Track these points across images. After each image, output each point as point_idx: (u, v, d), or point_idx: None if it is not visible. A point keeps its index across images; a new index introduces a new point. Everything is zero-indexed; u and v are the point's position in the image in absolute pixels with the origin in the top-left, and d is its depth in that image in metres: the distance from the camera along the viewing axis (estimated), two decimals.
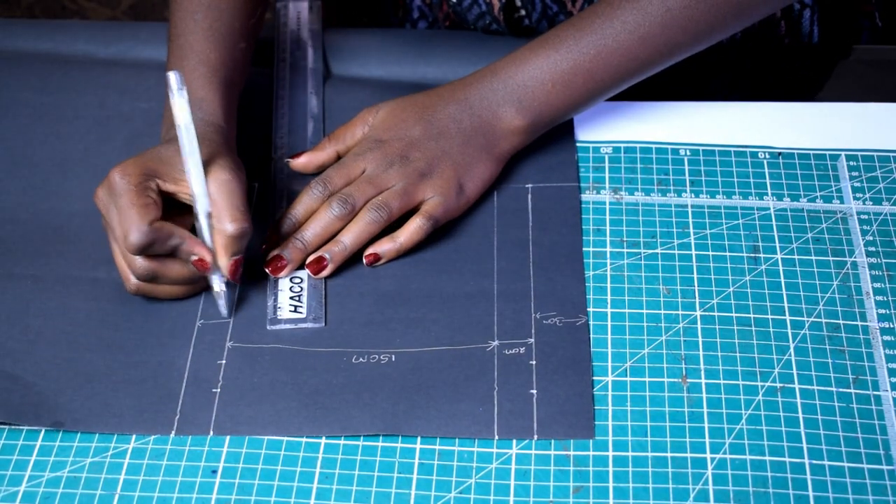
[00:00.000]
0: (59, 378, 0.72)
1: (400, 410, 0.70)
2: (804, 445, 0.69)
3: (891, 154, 0.85)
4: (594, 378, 0.72)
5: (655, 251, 0.79)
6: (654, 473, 0.68)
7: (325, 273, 0.77)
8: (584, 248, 0.79)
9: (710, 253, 0.79)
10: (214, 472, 0.68)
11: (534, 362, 0.73)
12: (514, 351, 0.73)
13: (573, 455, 0.69)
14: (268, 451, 0.69)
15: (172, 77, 0.70)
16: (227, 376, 0.72)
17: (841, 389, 0.71)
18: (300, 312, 0.76)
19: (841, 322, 0.75)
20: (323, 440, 0.70)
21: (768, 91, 0.99)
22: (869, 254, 0.79)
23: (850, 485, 0.67)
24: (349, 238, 0.77)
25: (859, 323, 0.75)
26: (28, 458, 0.69)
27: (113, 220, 0.72)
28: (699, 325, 0.75)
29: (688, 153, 0.86)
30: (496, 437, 0.69)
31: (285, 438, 0.70)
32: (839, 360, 0.73)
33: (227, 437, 0.70)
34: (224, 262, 0.73)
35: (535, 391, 0.71)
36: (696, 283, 0.77)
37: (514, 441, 0.69)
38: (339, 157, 0.83)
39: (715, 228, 0.80)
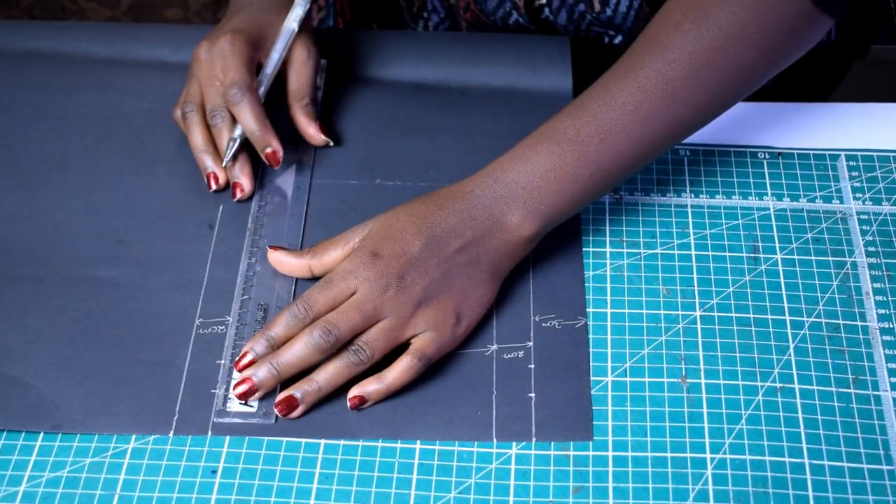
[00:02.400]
0: (58, 379, 0.72)
1: (399, 416, 0.70)
2: (804, 445, 0.69)
3: (891, 154, 0.85)
4: (594, 378, 0.72)
5: (655, 251, 0.79)
6: (653, 473, 0.68)
7: (296, 414, 0.70)
8: (584, 249, 0.79)
9: (710, 253, 0.79)
10: (214, 472, 0.68)
11: (532, 366, 0.73)
12: (512, 355, 0.73)
13: (573, 455, 0.69)
14: (267, 452, 0.69)
15: None
16: (227, 376, 0.72)
17: (841, 389, 0.71)
18: (251, 407, 0.71)
19: (841, 322, 0.75)
20: (322, 440, 0.70)
21: (783, 91, 0.99)
22: (869, 254, 0.79)
23: (850, 485, 0.67)
24: (324, 378, 0.70)
25: (859, 323, 0.75)
26: (28, 459, 0.69)
27: (216, 68, 0.83)
28: (699, 326, 0.75)
29: (688, 153, 0.86)
30: (494, 441, 0.69)
31: (285, 439, 0.70)
32: (839, 360, 0.73)
33: (227, 438, 0.70)
34: (311, 130, 0.85)
35: (533, 395, 0.71)
36: (695, 284, 0.77)
37: (514, 441, 0.69)
38: (310, 272, 0.76)
39: (715, 228, 0.80)
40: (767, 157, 0.85)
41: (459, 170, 0.81)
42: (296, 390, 0.70)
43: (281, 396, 0.70)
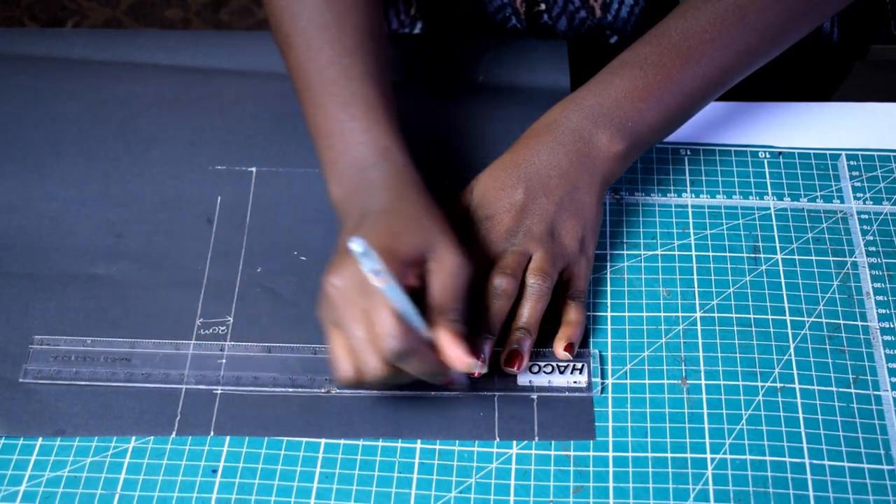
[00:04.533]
0: (59, 383, 0.72)
1: (401, 416, 0.70)
2: (804, 445, 0.69)
3: (891, 154, 0.85)
4: (594, 380, 0.72)
5: (655, 252, 0.79)
6: (654, 473, 0.68)
7: (525, 364, 0.71)
8: None
9: (711, 254, 0.79)
10: (215, 471, 0.68)
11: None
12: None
13: (573, 455, 0.69)
14: (268, 451, 0.69)
15: (356, 245, 0.59)
16: (228, 377, 0.72)
17: (841, 389, 0.71)
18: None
19: (841, 322, 0.75)
20: (323, 440, 0.70)
21: (787, 91, 0.99)
22: (869, 254, 0.79)
23: (850, 485, 0.67)
24: (529, 321, 0.71)
25: (859, 323, 0.75)
26: (28, 458, 0.69)
27: (357, 314, 0.65)
28: (699, 327, 0.75)
29: (688, 153, 0.86)
30: (496, 440, 0.69)
31: (285, 439, 0.70)
32: (839, 360, 0.73)
33: (228, 437, 0.70)
34: (454, 351, 0.66)
35: (535, 395, 0.71)
36: (696, 285, 0.77)
37: (515, 441, 0.69)
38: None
39: (715, 229, 0.80)
40: (768, 156, 0.85)
41: (457, 155, 0.82)
42: (513, 344, 0.71)
43: (504, 356, 0.71)
